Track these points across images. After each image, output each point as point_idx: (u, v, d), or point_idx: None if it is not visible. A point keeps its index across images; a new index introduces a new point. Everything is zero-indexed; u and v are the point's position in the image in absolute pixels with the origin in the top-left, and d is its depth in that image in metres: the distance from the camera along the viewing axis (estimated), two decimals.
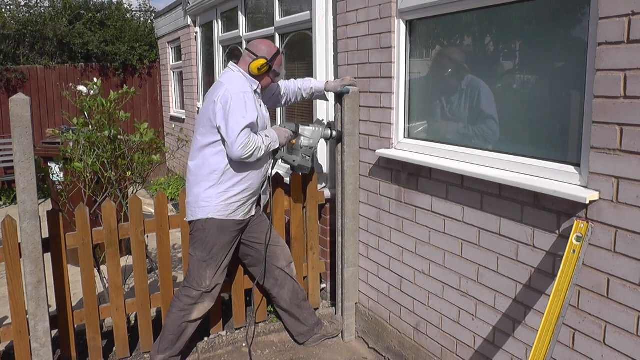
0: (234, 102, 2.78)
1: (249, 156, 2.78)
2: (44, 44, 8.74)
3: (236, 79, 2.93)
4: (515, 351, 2.31)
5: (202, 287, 2.99)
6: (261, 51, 2.98)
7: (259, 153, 2.83)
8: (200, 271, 2.97)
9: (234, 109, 2.76)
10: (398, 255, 3.04)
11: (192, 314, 3.01)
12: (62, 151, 3.51)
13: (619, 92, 1.77)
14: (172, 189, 7.49)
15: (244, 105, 2.79)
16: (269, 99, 3.29)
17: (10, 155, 7.79)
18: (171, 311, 3.02)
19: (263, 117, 2.98)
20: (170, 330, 3.00)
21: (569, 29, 2.08)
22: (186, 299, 2.99)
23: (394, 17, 2.89)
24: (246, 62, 2.98)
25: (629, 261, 1.80)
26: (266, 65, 2.95)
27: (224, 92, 2.82)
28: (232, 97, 2.79)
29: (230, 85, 2.87)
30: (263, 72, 2.97)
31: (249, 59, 2.98)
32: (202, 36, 6.72)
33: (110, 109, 3.41)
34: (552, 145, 2.16)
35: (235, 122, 2.74)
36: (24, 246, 2.61)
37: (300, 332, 3.33)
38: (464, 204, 2.51)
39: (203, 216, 2.91)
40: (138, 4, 10.29)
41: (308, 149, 3.18)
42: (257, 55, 2.96)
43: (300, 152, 3.17)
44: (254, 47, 3.00)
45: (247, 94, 2.83)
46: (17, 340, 2.82)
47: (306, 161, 3.19)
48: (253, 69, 2.94)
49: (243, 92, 2.83)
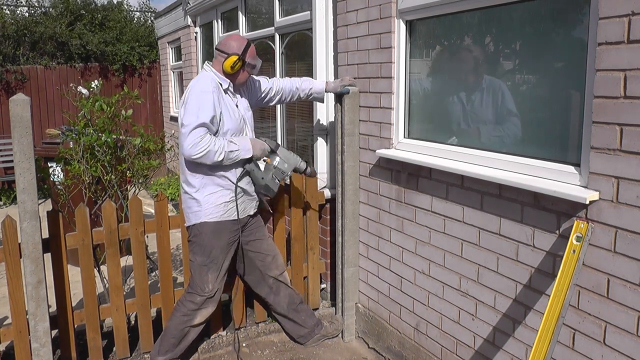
0: (189, 101, 2.76)
1: (200, 156, 2.69)
2: (44, 44, 8.74)
3: (202, 79, 2.86)
4: (515, 351, 2.31)
5: (206, 292, 2.98)
6: (231, 48, 2.89)
7: (215, 157, 2.72)
8: (202, 276, 2.96)
9: (188, 109, 2.73)
10: (398, 255, 3.04)
11: (195, 319, 3.01)
12: (61, 152, 3.51)
13: (619, 92, 1.77)
14: (172, 189, 7.48)
15: (198, 104, 2.73)
16: (257, 98, 3.23)
17: (10, 155, 7.79)
18: (174, 315, 3.02)
19: (234, 118, 2.90)
20: (172, 333, 3.00)
21: (569, 29, 2.08)
22: (190, 304, 2.99)
23: (394, 17, 2.89)
24: (219, 62, 2.92)
25: (629, 261, 1.80)
26: (239, 61, 2.87)
27: (188, 92, 2.81)
28: (189, 97, 2.77)
29: (193, 86, 2.83)
30: (237, 68, 2.89)
31: (221, 59, 2.91)
32: (202, 36, 6.72)
33: (111, 113, 3.40)
34: (552, 145, 2.16)
35: (188, 121, 2.70)
36: (24, 246, 2.61)
37: (301, 334, 3.33)
38: (464, 204, 2.51)
39: (197, 221, 2.90)
40: (138, 4, 10.25)
41: (280, 172, 2.98)
42: (227, 53, 2.88)
43: (272, 173, 2.96)
44: (224, 45, 2.92)
45: (205, 94, 2.76)
46: (17, 340, 2.82)
47: (274, 184, 2.96)
48: (227, 67, 2.86)
49: (202, 92, 2.77)
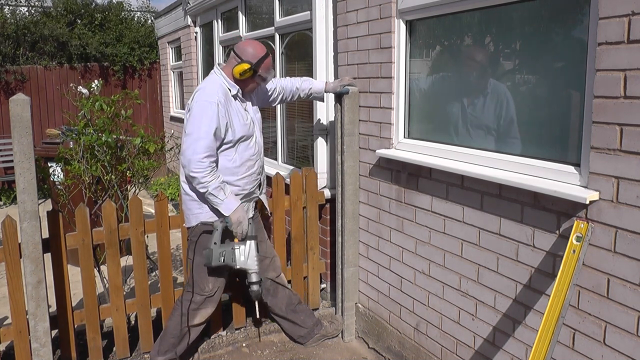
0: (193, 110, 2.74)
1: (193, 175, 2.69)
2: (44, 44, 8.74)
3: (210, 86, 2.82)
4: (515, 351, 2.31)
5: (205, 291, 2.98)
6: (246, 54, 2.84)
7: (200, 186, 2.71)
8: (201, 275, 2.96)
9: (192, 118, 2.71)
10: (398, 255, 3.04)
11: (195, 319, 3.01)
12: (61, 152, 3.50)
13: (619, 92, 1.77)
14: (172, 189, 7.47)
15: (201, 115, 2.70)
16: (264, 99, 3.22)
17: (10, 155, 7.79)
18: (174, 315, 3.02)
19: (244, 124, 2.88)
20: (172, 333, 3.00)
21: (569, 29, 2.08)
22: (189, 304, 2.98)
23: (394, 17, 2.89)
24: (231, 65, 2.87)
25: (629, 261, 1.80)
26: (249, 71, 2.82)
27: (194, 99, 2.79)
28: (193, 106, 2.75)
29: (200, 94, 2.78)
30: (246, 77, 2.85)
31: (234, 62, 2.86)
32: (202, 36, 6.72)
33: (111, 113, 3.40)
34: (552, 145, 2.16)
35: (190, 129, 2.70)
36: (24, 246, 2.61)
37: (301, 334, 3.33)
38: (464, 204, 2.51)
39: (197, 222, 2.90)
40: (137, 4, 10.24)
41: (230, 258, 2.83)
42: (241, 59, 2.83)
43: (225, 251, 2.83)
44: (241, 49, 2.87)
45: (210, 105, 2.72)
46: (17, 340, 2.82)
47: (217, 260, 2.81)
48: (235, 74, 2.82)
49: (207, 102, 2.72)
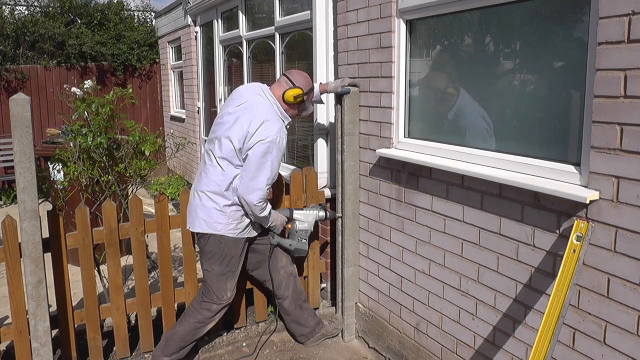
0: (273, 151, 2.76)
1: (254, 205, 2.79)
2: (43, 43, 8.73)
3: (273, 115, 2.86)
4: (515, 351, 2.31)
5: (224, 299, 3.00)
6: (299, 81, 2.96)
7: (256, 211, 2.83)
8: (220, 285, 2.98)
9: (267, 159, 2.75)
10: (398, 255, 3.04)
11: (208, 326, 3.06)
12: (57, 154, 3.49)
13: (619, 92, 1.77)
14: (172, 189, 7.48)
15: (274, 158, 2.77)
16: None
17: (10, 155, 7.79)
18: (187, 321, 3.01)
19: None
20: (182, 338, 3.01)
21: (569, 28, 2.08)
22: (206, 312, 3.00)
23: (394, 16, 2.89)
24: (282, 87, 2.95)
25: (629, 261, 1.80)
26: (301, 97, 2.94)
27: (267, 131, 2.75)
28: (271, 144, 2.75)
29: (271, 125, 2.78)
30: (297, 102, 2.95)
31: (285, 85, 2.95)
32: (202, 36, 6.72)
33: (106, 114, 3.37)
34: (552, 144, 2.16)
35: (265, 176, 2.76)
36: (24, 246, 2.61)
37: (303, 333, 3.34)
38: (464, 203, 2.51)
39: (217, 232, 2.89)
40: (135, 4, 10.23)
41: (303, 232, 3.20)
42: (294, 85, 2.94)
43: (296, 236, 3.19)
44: (293, 75, 2.99)
45: (282, 140, 2.81)
46: (17, 339, 2.82)
47: (302, 244, 3.20)
48: (288, 96, 2.92)
49: (281, 138, 2.80)
